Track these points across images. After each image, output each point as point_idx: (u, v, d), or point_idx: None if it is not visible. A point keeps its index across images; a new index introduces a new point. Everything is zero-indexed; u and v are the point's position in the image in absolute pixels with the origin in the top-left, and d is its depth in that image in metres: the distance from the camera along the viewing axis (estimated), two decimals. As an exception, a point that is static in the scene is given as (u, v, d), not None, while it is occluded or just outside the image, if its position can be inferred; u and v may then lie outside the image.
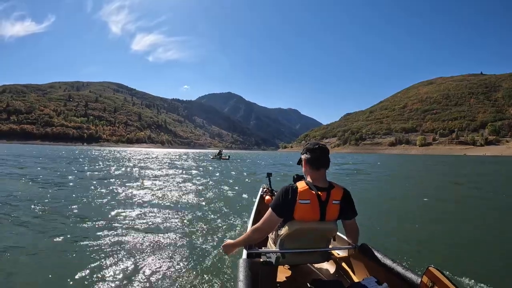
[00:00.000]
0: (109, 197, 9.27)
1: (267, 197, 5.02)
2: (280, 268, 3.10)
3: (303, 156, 2.67)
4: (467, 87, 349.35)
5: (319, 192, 2.46)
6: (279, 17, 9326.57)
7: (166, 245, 5.06)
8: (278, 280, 2.98)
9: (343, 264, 3.08)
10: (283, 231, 2.57)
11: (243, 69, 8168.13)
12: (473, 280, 3.87)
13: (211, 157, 44.49)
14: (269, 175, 5.75)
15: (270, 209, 2.56)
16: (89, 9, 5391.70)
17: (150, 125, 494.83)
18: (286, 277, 3.04)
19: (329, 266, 3.24)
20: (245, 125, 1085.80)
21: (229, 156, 45.89)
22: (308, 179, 2.59)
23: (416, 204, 10.31)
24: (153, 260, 4.39)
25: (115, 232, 5.63)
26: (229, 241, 2.86)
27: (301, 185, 2.47)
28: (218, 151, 49.18)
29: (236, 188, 12.65)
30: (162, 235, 5.56)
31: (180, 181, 14.58)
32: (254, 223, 3.34)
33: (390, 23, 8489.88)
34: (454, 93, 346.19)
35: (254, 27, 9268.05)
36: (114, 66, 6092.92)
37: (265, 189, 5.48)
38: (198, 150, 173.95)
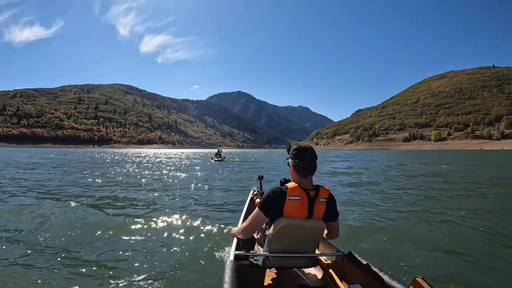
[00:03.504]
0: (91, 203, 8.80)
1: (258, 200, 4.83)
2: (267, 272, 3.11)
3: (290, 161, 2.71)
4: (480, 80, 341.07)
5: (308, 191, 2.55)
6: (287, 16, 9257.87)
7: (151, 246, 5.07)
8: (264, 283, 2.97)
9: (330, 271, 3.06)
10: (271, 229, 2.61)
11: (252, 67, 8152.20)
12: None
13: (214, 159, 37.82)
14: (260, 178, 5.56)
15: (257, 208, 2.65)
16: (97, 12, 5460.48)
17: (161, 125, 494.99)
18: (272, 281, 3.03)
19: (316, 272, 3.22)
20: (256, 124, 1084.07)
21: (223, 157, 38.69)
22: (295, 182, 2.64)
23: (406, 208, 9.15)
24: (138, 261, 4.40)
25: (97, 238, 5.58)
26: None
27: (291, 184, 2.55)
28: (216, 150, 41.85)
29: (226, 191, 12.23)
30: (146, 237, 5.58)
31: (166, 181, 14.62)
32: None
33: (395, 20, 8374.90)
34: (467, 87, 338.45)
35: (262, 26, 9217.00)
36: (123, 68, 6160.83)
37: (255, 192, 5.42)
38: (207, 150, 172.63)
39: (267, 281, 3.02)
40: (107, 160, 37.19)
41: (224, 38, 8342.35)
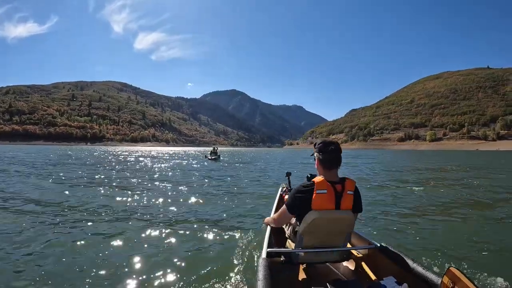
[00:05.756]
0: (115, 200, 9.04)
1: (286, 196, 4.80)
2: (299, 267, 3.14)
3: (315, 154, 2.81)
4: (474, 81, 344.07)
5: (335, 184, 2.62)
6: (282, 14, 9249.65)
7: (183, 245, 5.17)
8: (297, 279, 3.00)
9: (362, 264, 3.07)
10: (301, 226, 2.65)
11: (247, 66, 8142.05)
12: (495, 281, 3.76)
13: (208, 157, 35.63)
14: (288, 174, 5.68)
15: (284, 205, 2.79)
16: (91, 8, 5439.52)
17: (155, 123, 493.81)
18: (305, 277, 3.05)
19: (348, 266, 3.23)
20: (250, 122, 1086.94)
21: (219, 155, 36.97)
22: (321, 176, 2.69)
23: (439, 202, 9.40)
24: (171, 258, 4.50)
25: (134, 230, 5.85)
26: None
27: (317, 178, 2.62)
28: (212, 148, 39.09)
29: (256, 187, 12.81)
30: (178, 236, 5.64)
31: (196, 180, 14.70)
32: None
33: (389, 20, 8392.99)
34: (462, 87, 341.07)
35: (257, 24, 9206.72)
36: (117, 65, 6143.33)
37: (284, 189, 5.48)
38: (201, 148, 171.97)
39: (300, 276, 3.04)
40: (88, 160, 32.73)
41: (218, 36, 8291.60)
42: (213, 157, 34.58)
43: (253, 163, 31.35)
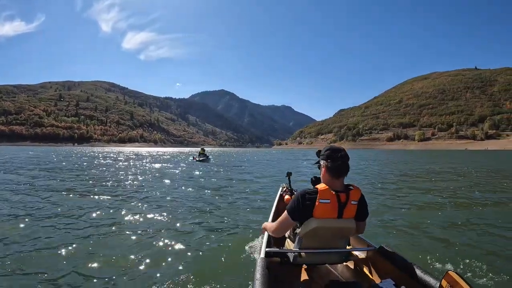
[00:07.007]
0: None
1: (287, 197, 5.10)
2: (298, 268, 3.13)
3: (322, 162, 2.65)
4: (462, 81, 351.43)
5: (339, 193, 2.52)
6: (270, 15, 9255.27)
7: (181, 243, 5.16)
8: (296, 280, 2.99)
9: (362, 266, 3.07)
10: (302, 230, 2.61)
11: (236, 66, 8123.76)
12: (494, 286, 3.75)
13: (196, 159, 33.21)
14: (289, 174, 5.57)
15: (286, 211, 2.63)
16: (78, 7, 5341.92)
17: (143, 124, 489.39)
18: (303, 278, 3.03)
19: (347, 267, 3.22)
20: (239, 123, 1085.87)
21: (208, 156, 34.55)
22: (326, 184, 2.59)
23: (439, 203, 9.44)
24: (167, 259, 4.49)
25: (132, 233, 5.79)
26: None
27: (321, 186, 2.53)
28: (200, 149, 36.22)
29: (256, 186, 13.11)
30: (176, 234, 5.72)
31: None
32: (273, 221, 3.18)
33: (377, 20, 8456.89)
34: (450, 88, 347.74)
35: (247, 25, 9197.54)
36: (105, 65, 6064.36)
37: (284, 189, 5.50)
38: (188, 149, 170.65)
39: (299, 277, 3.03)
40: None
41: (208, 36, 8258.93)
42: (201, 158, 32.44)
43: (246, 164, 31.28)
